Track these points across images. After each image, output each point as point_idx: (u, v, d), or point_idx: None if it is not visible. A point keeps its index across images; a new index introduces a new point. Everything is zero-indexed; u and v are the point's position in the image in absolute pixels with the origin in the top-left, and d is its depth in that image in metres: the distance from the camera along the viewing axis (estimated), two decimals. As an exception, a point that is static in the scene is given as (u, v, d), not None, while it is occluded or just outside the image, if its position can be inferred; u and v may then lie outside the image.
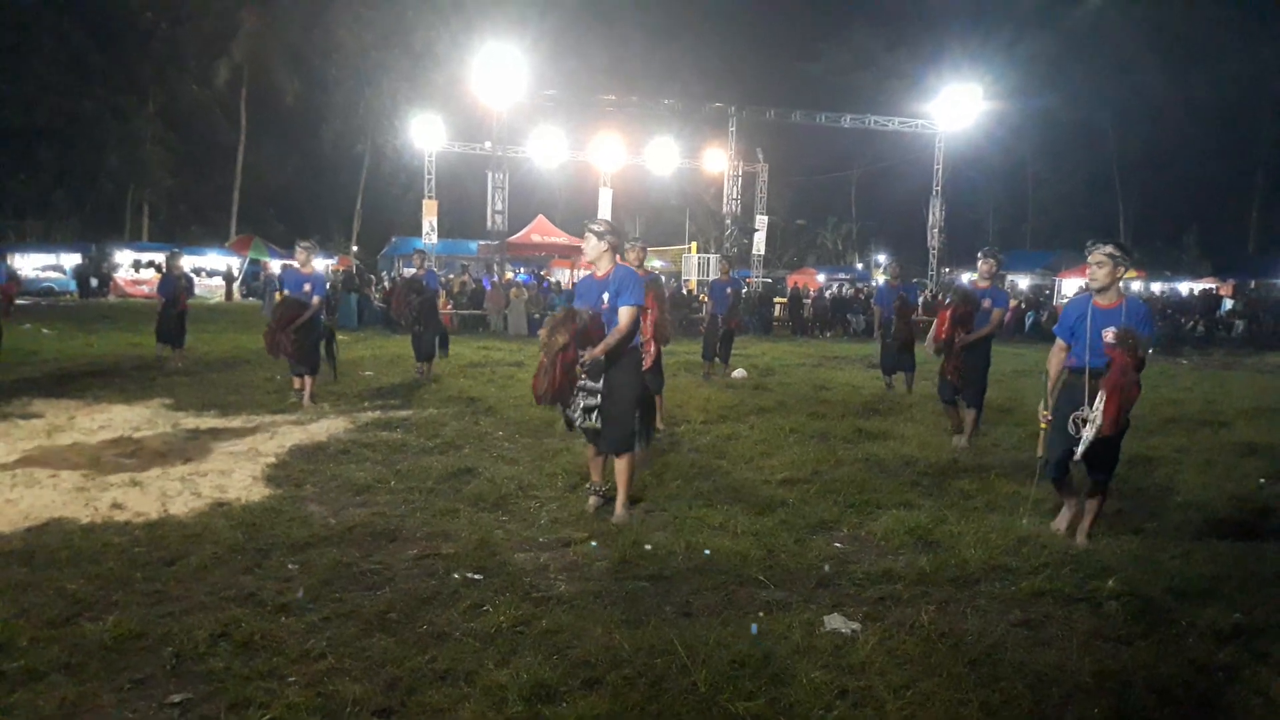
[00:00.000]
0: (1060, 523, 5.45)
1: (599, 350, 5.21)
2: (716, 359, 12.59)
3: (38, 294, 31.20)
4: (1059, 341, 5.33)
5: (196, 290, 35.22)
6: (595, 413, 5.30)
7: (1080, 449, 4.94)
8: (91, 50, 38.53)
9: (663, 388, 8.65)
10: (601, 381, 5.27)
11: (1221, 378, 15.88)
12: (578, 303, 5.45)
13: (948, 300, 8.45)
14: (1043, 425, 5.31)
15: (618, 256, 5.55)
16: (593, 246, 5.41)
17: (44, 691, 3.12)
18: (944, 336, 7.85)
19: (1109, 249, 5.09)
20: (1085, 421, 4.93)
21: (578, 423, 5.37)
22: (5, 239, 36.79)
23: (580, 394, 5.28)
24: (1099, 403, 4.83)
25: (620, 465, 5.41)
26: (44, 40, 36.97)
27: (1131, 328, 4.95)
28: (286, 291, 9.64)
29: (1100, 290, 5.14)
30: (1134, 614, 4.07)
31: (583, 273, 5.73)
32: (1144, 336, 4.95)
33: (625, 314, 5.29)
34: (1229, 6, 42.35)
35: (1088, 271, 5.20)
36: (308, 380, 9.44)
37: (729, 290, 12.50)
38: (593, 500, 5.61)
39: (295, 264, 10.07)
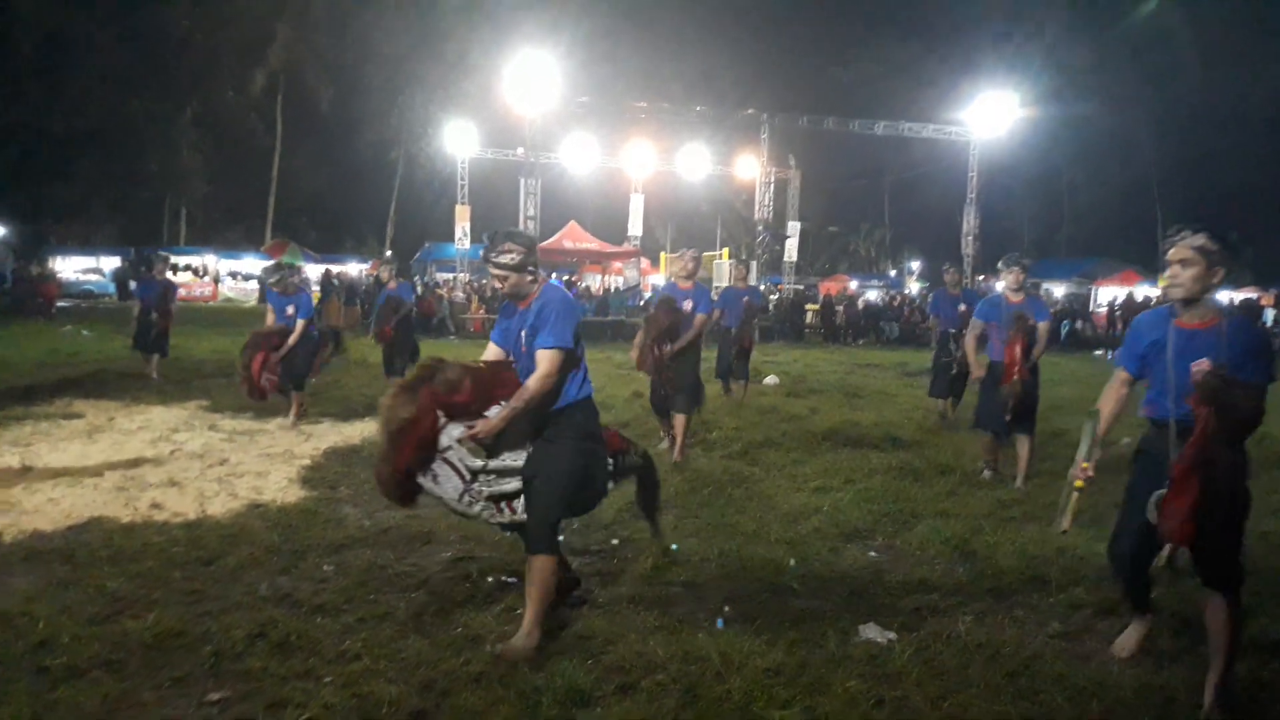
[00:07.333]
0: (1126, 643, 3.77)
1: (496, 423, 3.53)
2: (734, 378, 10.69)
3: (77, 296, 31.75)
4: (1120, 373, 3.62)
5: (230, 293, 36.03)
6: (505, 501, 3.70)
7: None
8: (131, 58, 39.14)
9: (692, 409, 7.55)
10: (523, 457, 3.69)
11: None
12: (501, 342, 3.88)
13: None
14: (1078, 484, 3.52)
15: (542, 274, 3.85)
16: (512, 283, 3.72)
17: (86, 688, 3.16)
18: (1022, 375, 6.49)
19: (1200, 240, 3.27)
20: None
21: (484, 517, 3.74)
22: (46, 242, 37.47)
23: (480, 476, 3.69)
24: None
25: (536, 568, 3.62)
26: (85, 49, 37.62)
27: (1221, 367, 3.16)
28: (270, 306, 8.62)
29: (1185, 303, 3.36)
30: (1176, 628, 3.98)
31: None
32: (1247, 381, 3.15)
33: (545, 360, 3.60)
34: (1269, 12, 41.72)
35: (1166, 274, 3.42)
36: (295, 396, 8.52)
37: (745, 299, 10.55)
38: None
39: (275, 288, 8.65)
